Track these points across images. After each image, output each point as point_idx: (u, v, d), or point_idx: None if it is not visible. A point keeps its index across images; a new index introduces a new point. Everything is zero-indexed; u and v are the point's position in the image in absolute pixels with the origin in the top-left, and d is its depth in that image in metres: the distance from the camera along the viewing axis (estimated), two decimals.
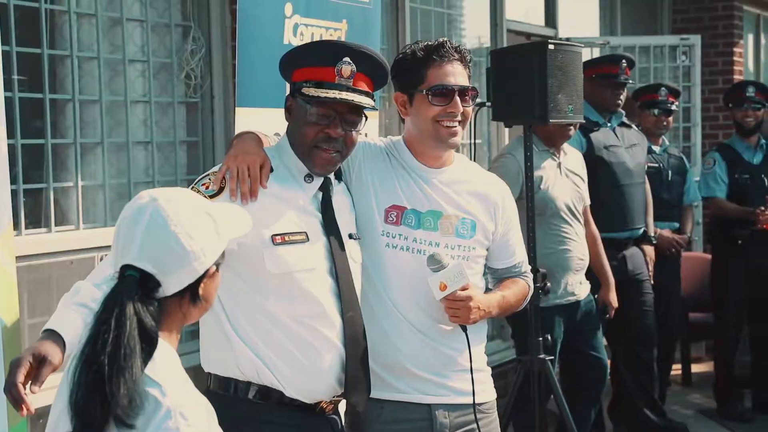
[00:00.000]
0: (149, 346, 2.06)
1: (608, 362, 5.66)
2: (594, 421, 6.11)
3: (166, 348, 2.14)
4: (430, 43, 3.29)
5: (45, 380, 2.49)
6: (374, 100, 3.11)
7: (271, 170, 3.04)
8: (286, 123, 3.15)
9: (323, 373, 3.03)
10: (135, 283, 2.10)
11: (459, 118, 3.26)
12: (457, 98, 3.24)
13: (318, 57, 3.04)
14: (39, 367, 2.50)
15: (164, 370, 2.08)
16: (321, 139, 3.02)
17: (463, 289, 3.15)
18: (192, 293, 2.18)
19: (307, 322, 3.00)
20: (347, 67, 3.02)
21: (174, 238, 2.12)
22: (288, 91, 3.16)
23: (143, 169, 4.89)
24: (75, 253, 4.46)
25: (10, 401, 2.48)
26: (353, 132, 3.07)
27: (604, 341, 6.10)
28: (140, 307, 2.07)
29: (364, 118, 3.10)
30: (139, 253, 2.12)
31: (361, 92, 3.04)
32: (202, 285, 2.18)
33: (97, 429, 2.03)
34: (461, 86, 3.26)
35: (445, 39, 3.31)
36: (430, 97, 3.24)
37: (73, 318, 2.60)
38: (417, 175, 3.31)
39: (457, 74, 3.27)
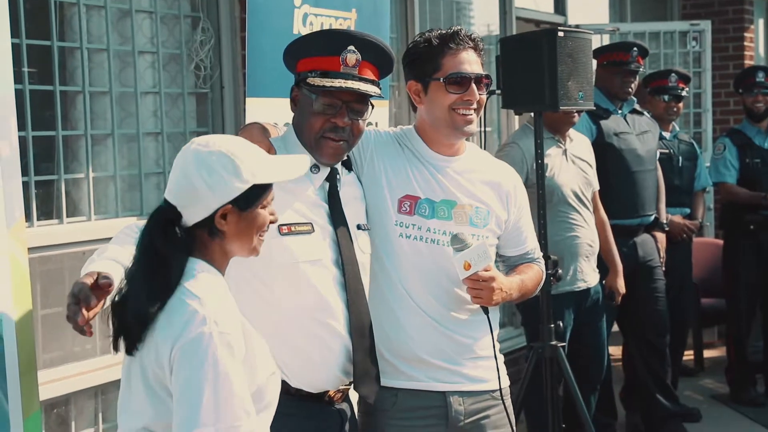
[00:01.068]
0: (164, 262, 2.39)
1: (607, 352, 5.68)
2: (607, 408, 6.12)
3: (208, 270, 2.45)
4: (444, 31, 3.29)
5: (111, 281, 2.52)
6: (380, 89, 3.11)
7: None
8: (292, 114, 3.15)
9: (328, 364, 3.04)
10: (161, 211, 2.47)
11: (475, 105, 3.27)
12: (474, 86, 3.25)
13: (322, 46, 3.04)
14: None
15: (204, 287, 2.39)
16: (328, 129, 3.03)
17: (486, 270, 3.16)
18: (210, 228, 2.45)
19: (311, 313, 3.01)
20: (352, 55, 3.02)
21: (187, 176, 2.43)
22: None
23: (154, 160, 4.90)
24: (87, 244, 4.46)
25: (70, 307, 2.48)
26: (360, 121, 3.07)
27: (615, 327, 6.12)
28: (160, 230, 2.43)
29: (370, 107, 3.10)
30: (169, 188, 2.48)
31: (366, 80, 3.04)
32: (218, 221, 2.43)
33: (133, 334, 2.39)
34: (477, 74, 3.27)
35: (459, 27, 3.31)
36: (446, 85, 3.24)
37: (104, 265, 2.61)
38: (430, 164, 3.31)
39: (472, 62, 3.28)
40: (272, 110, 3.68)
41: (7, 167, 3.12)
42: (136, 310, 2.37)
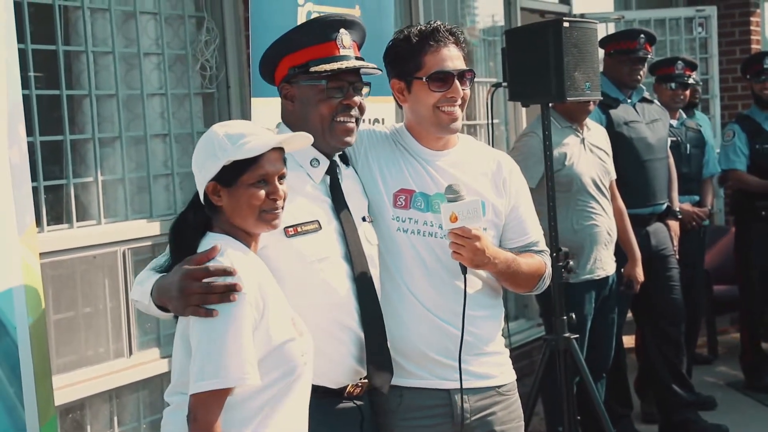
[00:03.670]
0: (188, 234, 2.71)
1: (617, 341, 5.67)
2: (622, 398, 6.11)
3: (228, 240, 2.69)
4: (423, 27, 3.27)
5: None
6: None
7: None
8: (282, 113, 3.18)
9: (344, 358, 3.06)
10: (194, 195, 2.77)
11: (459, 102, 3.25)
12: (457, 83, 3.23)
13: (313, 35, 3.07)
14: None
15: (224, 251, 2.63)
16: (340, 111, 3.06)
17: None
18: (207, 202, 2.71)
19: (323, 310, 3.02)
20: (346, 37, 3.09)
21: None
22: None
23: (162, 162, 4.90)
24: (98, 248, 4.47)
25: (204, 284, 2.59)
26: (362, 99, 3.12)
27: (629, 315, 6.10)
28: (191, 207, 2.75)
29: (368, 85, 3.13)
30: None
31: (361, 58, 3.11)
32: (211, 197, 2.69)
33: None
34: (460, 70, 3.24)
35: (439, 22, 3.29)
36: (429, 84, 3.22)
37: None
38: (422, 158, 3.30)
39: (454, 58, 3.25)
40: (278, 110, 3.66)
41: (17, 174, 3.11)
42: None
